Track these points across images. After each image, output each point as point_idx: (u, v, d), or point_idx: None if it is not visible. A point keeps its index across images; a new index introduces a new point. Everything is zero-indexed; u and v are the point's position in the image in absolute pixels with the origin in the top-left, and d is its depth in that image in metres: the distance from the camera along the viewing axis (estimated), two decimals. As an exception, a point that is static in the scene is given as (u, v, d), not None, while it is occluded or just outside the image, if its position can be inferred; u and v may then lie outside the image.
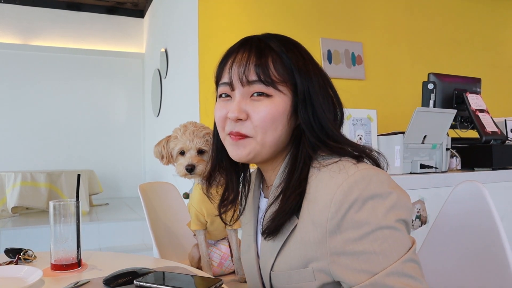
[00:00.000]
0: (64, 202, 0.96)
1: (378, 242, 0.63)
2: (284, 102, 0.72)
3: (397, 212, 0.65)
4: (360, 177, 0.66)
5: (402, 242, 0.64)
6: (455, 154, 2.12)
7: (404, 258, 0.63)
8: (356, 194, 0.64)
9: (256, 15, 3.19)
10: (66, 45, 5.21)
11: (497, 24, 4.25)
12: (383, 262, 0.62)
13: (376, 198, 0.65)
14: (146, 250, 3.25)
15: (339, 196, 0.65)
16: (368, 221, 0.64)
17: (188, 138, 1.18)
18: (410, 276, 0.62)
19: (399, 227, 0.65)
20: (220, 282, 0.79)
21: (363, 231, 0.64)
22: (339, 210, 0.65)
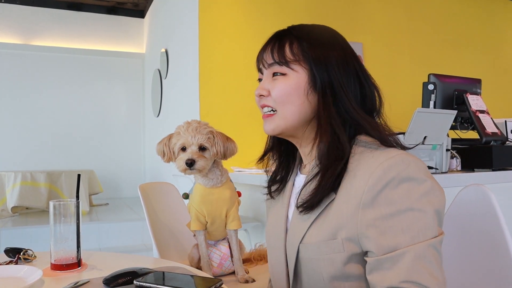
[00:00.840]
0: (64, 202, 0.96)
1: (408, 221, 0.67)
2: (297, 78, 0.79)
3: (430, 199, 0.68)
4: (400, 159, 0.70)
5: (430, 228, 0.67)
6: (455, 155, 2.12)
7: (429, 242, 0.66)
8: (395, 173, 0.69)
9: (255, 16, 3.19)
10: (67, 45, 5.21)
11: (497, 25, 4.25)
12: (408, 241, 0.66)
13: (412, 181, 0.69)
14: (146, 250, 3.25)
15: (379, 172, 0.69)
16: (402, 201, 0.68)
17: (191, 134, 1.18)
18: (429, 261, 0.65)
19: (430, 214, 0.68)
20: (220, 282, 0.79)
21: (395, 209, 0.67)
22: (376, 185, 0.69)
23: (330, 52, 0.79)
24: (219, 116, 2.99)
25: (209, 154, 1.19)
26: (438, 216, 0.69)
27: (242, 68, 3.10)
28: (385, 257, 0.67)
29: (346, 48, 0.83)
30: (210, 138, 1.18)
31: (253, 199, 2.51)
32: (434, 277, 0.65)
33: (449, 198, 0.87)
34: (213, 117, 2.99)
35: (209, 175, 1.25)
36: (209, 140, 1.18)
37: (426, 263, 0.65)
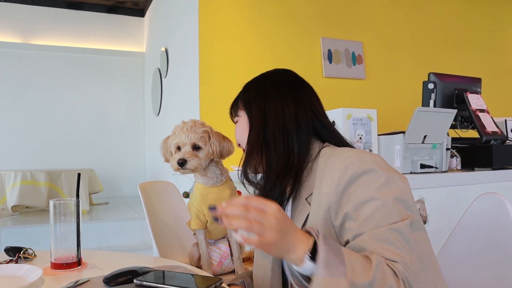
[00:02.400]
0: (64, 201, 0.96)
1: (369, 211, 0.73)
2: (243, 121, 0.97)
3: (391, 188, 0.76)
4: (356, 157, 0.79)
5: (392, 214, 0.73)
6: (455, 154, 2.12)
7: (390, 227, 0.72)
8: (351, 172, 0.77)
9: (256, 15, 3.19)
10: (67, 44, 5.21)
11: (497, 24, 4.25)
12: (370, 227, 0.72)
13: (369, 174, 0.77)
14: (146, 249, 3.25)
15: (337, 176, 0.78)
16: (362, 194, 0.75)
17: (184, 133, 1.18)
18: (391, 243, 0.71)
19: (390, 201, 0.74)
20: (220, 281, 0.79)
21: (357, 203, 0.75)
22: (337, 189, 0.77)
23: (261, 103, 0.92)
24: (219, 115, 2.98)
25: (203, 153, 1.19)
26: (401, 202, 0.75)
27: (242, 67, 3.10)
28: (349, 245, 0.74)
29: (278, 85, 0.93)
30: (204, 137, 1.18)
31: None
32: (397, 254, 0.69)
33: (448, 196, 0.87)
34: (213, 116, 2.99)
35: (208, 174, 1.25)
36: (202, 139, 1.18)
37: (387, 245, 0.70)
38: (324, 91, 3.86)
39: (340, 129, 1.78)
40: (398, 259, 0.69)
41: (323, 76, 3.34)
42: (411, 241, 0.72)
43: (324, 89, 3.33)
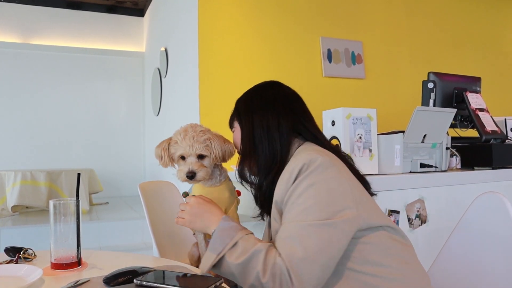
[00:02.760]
0: (64, 201, 0.96)
1: (293, 206, 0.89)
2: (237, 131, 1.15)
3: (319, 190, 0.87)
4: (304, 159, 0.92)
5: (310, 212, 0.85)
6: (455, 153, 2.12)
7: (300, 224, 0.84)
8: (296, 171, 0.91)
9: (256, 15, 3.19)
10: (66, 44, 5.21)
11: (497, 24, 4.25)
12: (286, 221, 0.89)
13: (308, 175, 0.89)
14: (146, 249, 3.25)
15: (287, 175, 0.93)
16: (297, 192, 0.89)
17: (188, 143, 1.15)
18: (290, 237, 0.84)
19: (312, 202, 0.86)
20: (220, 281, 0.80)
21: (290, 199, 0.90)
22: (287, 185, 0.92)
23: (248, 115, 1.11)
24: (219, 115, 2.98)
25: (208, 161, 1.17)
26: (325, 204, 0.85)
27: (242, 67, 3.10)
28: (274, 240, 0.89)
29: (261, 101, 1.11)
30: (208, 145, 1.16)
31: (252, 198, 2.51)
32: (288, 248, 0.82)
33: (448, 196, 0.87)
34: (213, 116, 2.99)
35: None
36: (207, 147, 1.16)
37: (286, 238, 0.84)
38: (323, 91, 3.87)
39: (340, 129, 1.78)
40: (285, 252, 0.82)
41: (322, 75, 3.34)
42: (314, 238, 0.82)
43: (323, 88, 3.35)
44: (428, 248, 1.83)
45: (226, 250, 0.87)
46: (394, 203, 1.78)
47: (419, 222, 1.84)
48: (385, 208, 1.76)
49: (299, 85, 3.69)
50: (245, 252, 0.85)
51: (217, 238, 0.89)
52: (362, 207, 0.90)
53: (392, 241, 0.93)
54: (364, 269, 0.88)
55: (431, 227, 1.85)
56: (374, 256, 0.89)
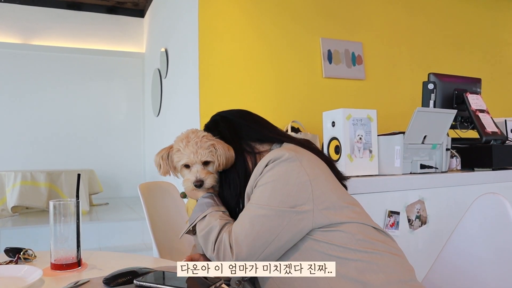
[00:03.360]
0: (64, 201, 0.96)
1: (255, 193, 1.00)
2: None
3: (278, 184, 0.96)
4: (269, 156, 1.01)
5: (261, 199, 0.96)
6: (455, 154, 2.12)
7: (251, 207, 0.97)
8: (262, 166, 1.00)
9: (256, 15, 3.19)
10: (66, 44, 5.21)
11: (497, 24, 4.25)
12: (249, 204, 1.00)
13: (271, 170, 0.99)
14: (146, 249, 3.25)
15: (255, 171, 1.02)
16: (260, 183, 0.99)
17: (192, 151, 1.10)
18: (241, 218, 0.97)
19: (269, 192, 0.96)
20: (219, 281, 0.79)
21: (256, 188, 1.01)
22: (254, 180, 1.02)
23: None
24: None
25: (212, 167, 1.13)
26: (281, 195, 0.94)
27: (242, 67, 3.10)
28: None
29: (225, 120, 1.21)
30: (212, 151, 1.11)
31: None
32: (236, 225, 0.96)
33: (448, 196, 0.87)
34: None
35: None
36: (211, 153, 1.11)
37: (239, 218, 0.97)
38: (324, 92, 3.86)
39: (340, 130, 1.78)
40: (234, 228, 0.95)
41: (323, 76, 3.34)
42: (264, 221, 0.93)
43: (324, 89, 3.35)
44: (428, 249, 1.83)
45: (197, 221, 1.02)
46: (394, 204, 1.78)
47: (419, 223, 1.84)
48: (385, 209, 1.76)
49: (299, 86, 3.70)
50: (207, 225, 0.99)
51: (195, 210, 1.06)
52: (322, 204, 0.95)
53: (363, 229, 0.96)
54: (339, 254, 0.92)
55: (431, 228, 1.85)
56: (345, 242, 0.93)
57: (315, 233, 0.94)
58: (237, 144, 1.12)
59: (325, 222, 0.94)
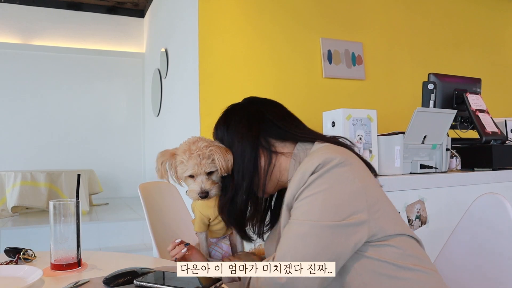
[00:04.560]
0: (64, 201, 0.96)
1: (300, 205, 0.86)
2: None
3: (330, 193, 0.84)
4: (318, 160, 0.87)
5: (313, 212, 0.83)
6: (455, 154, 2.12)
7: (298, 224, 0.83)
8: (310, 171, 0.86)
9: (256, 15, 3.19)
10: (66, 44, 5.21)
11: (497, 24, 4.25)
12: (292, 218, 0.87)
13: (320, 177, 0.86)
14: (146, 250, 3.25)
15: (299, 176, 0.88)
16: (307, 193, 0.86)
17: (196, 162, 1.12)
18: (288, 237, 0.83)
19: (320, 204, 0.83)
20: (220, 281, 0.79)
21: (301, 199, 0.87)
22: (299, 185, 0.87)
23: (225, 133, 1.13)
24: (219, 115, 2.99)
25: (216, 176, 1.17)
26: (334, 206, 0.82)
27: (242, 67, 3.10)
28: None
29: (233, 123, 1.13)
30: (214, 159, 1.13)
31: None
32: (284, 250, 0.83)
33: (448, 197, 0.87)
34: (214, 117, 2.98)
35: None
36: (213, 162, 1.13)
37: (286, 241, 0.83)
38: (324, 92, 3.86)
39: (340, 130, 1.78)
40: (277, 256, 0.84)
41: (323, 76, 3.34)
42: (313, 239, 0.81)
43: (324, 89, 3.35)
44: (428, 249, 1.82)
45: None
46: (394, 204, 1.77)
47: (419, 223, 1.84)
48: (385, 209, 1.76)
49: (299, 86, 3.70)
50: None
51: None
52: (376, 213, 0.85)
53: (410, 243, 0.89)
54: (388, 272, 0.83)
55: (431, 228, 1.85)
56: (396, 259, 0.85)
57: (366, 248, 0.84)
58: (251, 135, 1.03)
59: (379, 234, 0.84)
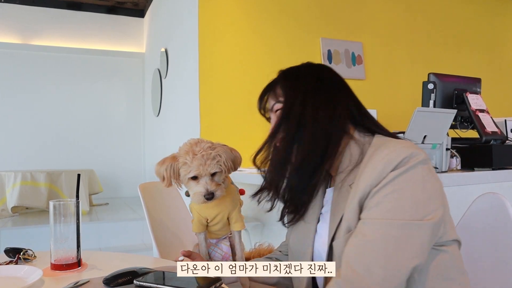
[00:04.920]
0: (64, 201, 0.96)
1: (387, 201, 0.76)
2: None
3: (419, 189, 0.77)
4: (404, 152, 0.79)
5: (402, 211, 0.75)
6: (455, 154, 2.12)
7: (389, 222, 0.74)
8: (395, 163, 0.78)
9: (256, 15, 3.19)
10: (66, 44, 5.21)
11: (497, 24, 4.25)
12: (371, 216, 0.77)
13: (408, 171, 0.77)
14: (146, 249, 3.25)
15: (381, 165, 0.78)
16: (392, 187, 0.77)
17: (200, 163, 1.09)
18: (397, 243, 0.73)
19: (409, 201, 0.76)
20: (220, 282, 0.79)
21: (387, 192, 0.77)
22: (379, 176, 0.78)
23: (300, 86, 0.94)
24: (219, 116, 2.99)
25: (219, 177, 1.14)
26: (420, 205, 0.75)
27: (242, 67, 3.10)
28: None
29: (318, 80, 0.97)
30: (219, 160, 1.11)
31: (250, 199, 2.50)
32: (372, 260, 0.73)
33: (448, 196, 0.87)
34: (213, 117, 2.99)
35: None
36: (218, 163, 1.11)
37: (370, 244, 0.74)
38: (324, 92, 3.80)
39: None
40: (349, 263, 0.76)
41: (323, 76, 3.34)
42: (395, 240, 0.74)
43: (324, 89, 3.35)
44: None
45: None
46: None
47: (419, 223, 1.83)
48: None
49: (299, 86, 3.66)
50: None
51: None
52: (447, 213, 0.81)
53: (459, 252, 0.84)
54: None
55: (431, 228, 1.84)
56: (450, 267, 0.81)
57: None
58: (335, 111, 0.91)
59: (444, 237, 0.81)
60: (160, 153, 4.57)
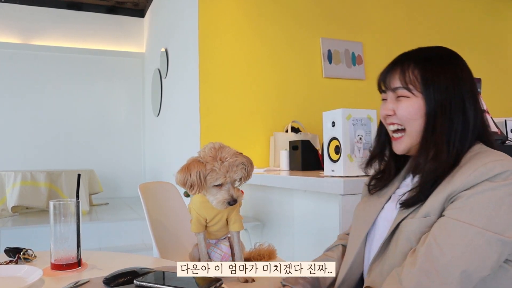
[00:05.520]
0: (64, 201, 0.96)
1: (477, 203, 0.78)
2: (417, 102, 0.91)
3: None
4: (506, 163, 0.80)
5: (495, 221, 0.75)
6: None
7: (478, 231, 0.75)
8: (492, 174, 0.78)
9: (256, 15, 3.19)
10: (66, 44, 5.21)
11: (497, 25, 4.25)
12: (454, 216, 0.78)
13: (505, 186, 0.77)
14: (146, 249, 3.25)
15: (479, 171, 0.79)
16: (485, 197, 0.77)
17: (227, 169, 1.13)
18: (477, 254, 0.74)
19: (504, 213, 0.76)
20: (220, 282, 0.80)
21: (474, 192, 0.78)
22: (471, 181, 0.79)
23: (441, 78, 0.90)
24: (219, 116, 2.99)
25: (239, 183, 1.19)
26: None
27: (242, 67, 3.10)
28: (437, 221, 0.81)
29: (459, 72, 0.94)
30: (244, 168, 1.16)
31: (253, 199, 2.51)
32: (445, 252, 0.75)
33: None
34: (213, 117, 2.99)
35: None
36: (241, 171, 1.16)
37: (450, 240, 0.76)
38: (324, 92, 3.86)
39: (340, 130, 1.78)
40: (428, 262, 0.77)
41: (323, 76, 3.34)
42: (474, 250, 0.75)
43: (324, 89, 3.35)
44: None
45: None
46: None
47: (419, 223, 1.83)
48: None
49: (299, 86, 3.70)
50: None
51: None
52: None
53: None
54: None
55: (431, 228, 1.85)
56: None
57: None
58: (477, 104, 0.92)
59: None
60: (160, 153, 4.57)
